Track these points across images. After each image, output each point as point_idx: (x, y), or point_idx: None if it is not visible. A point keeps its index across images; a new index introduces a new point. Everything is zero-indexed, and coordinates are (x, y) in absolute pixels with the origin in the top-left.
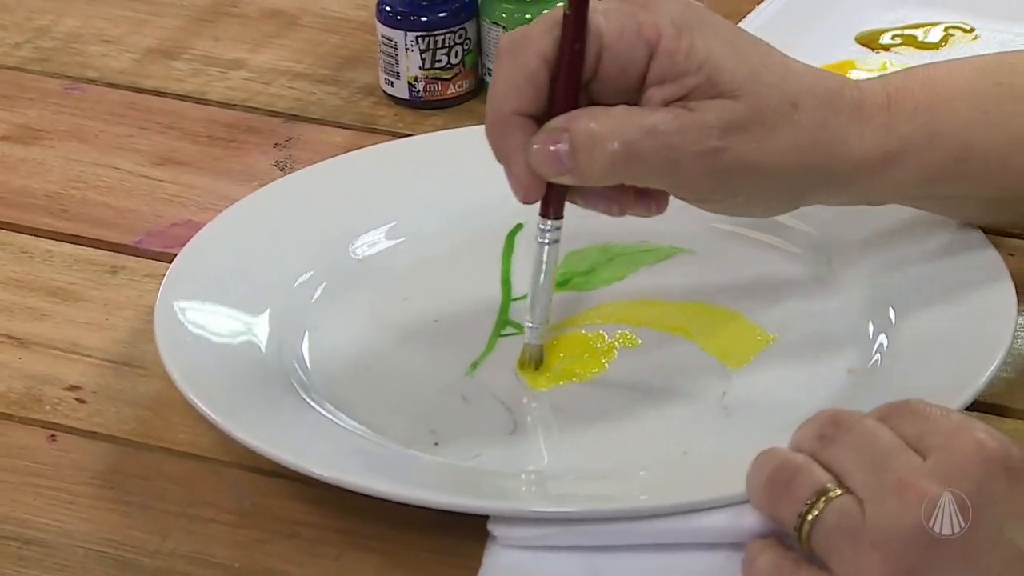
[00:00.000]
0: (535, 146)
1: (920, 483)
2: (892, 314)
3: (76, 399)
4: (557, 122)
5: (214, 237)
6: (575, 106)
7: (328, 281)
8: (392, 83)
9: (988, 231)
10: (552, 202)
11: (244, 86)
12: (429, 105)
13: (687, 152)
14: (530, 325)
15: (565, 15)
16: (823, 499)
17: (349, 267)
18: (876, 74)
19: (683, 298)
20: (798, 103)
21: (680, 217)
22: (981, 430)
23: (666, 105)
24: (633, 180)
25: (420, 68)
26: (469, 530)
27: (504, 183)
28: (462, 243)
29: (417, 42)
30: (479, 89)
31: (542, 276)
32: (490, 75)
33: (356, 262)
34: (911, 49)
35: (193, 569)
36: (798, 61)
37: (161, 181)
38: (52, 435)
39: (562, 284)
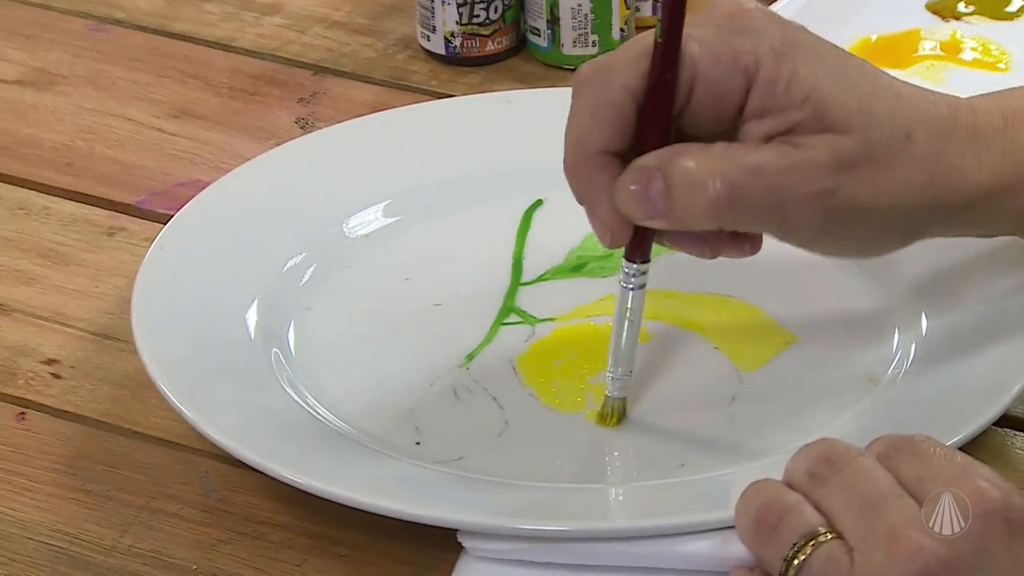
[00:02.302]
0: (624, 188)
1: (912, 535)
2: (924, 321)
3: (52, 374)
4: (648, 160)
5: (208, 206)
6: (666, 142)
7: (321, 261)
8: (428, 37)
9: None
10: (639, 245)
11: (276, 33)
12: (466, 62)
13: (796, 194)
14: (611, 376)
15: (656, 43)
16: (811, 544)
17: (348, 244)
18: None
19: (703, 289)
20: (912, 134)
21: None
22: (983, 478)
23: (768, 140)
24: (734, 225)
25: (457, 23)
26: (443, 539)
27: (529, 155)
28: (477, 219)
29: None
30: (519, 47)
31: (626, 324)
32: (532, 32)
33: (361, 237)
34: (985, 19)
35: (148, 570)
36: (905, 82)
37: (173, 135)
38: (22, 413)
39: (577, 269)
